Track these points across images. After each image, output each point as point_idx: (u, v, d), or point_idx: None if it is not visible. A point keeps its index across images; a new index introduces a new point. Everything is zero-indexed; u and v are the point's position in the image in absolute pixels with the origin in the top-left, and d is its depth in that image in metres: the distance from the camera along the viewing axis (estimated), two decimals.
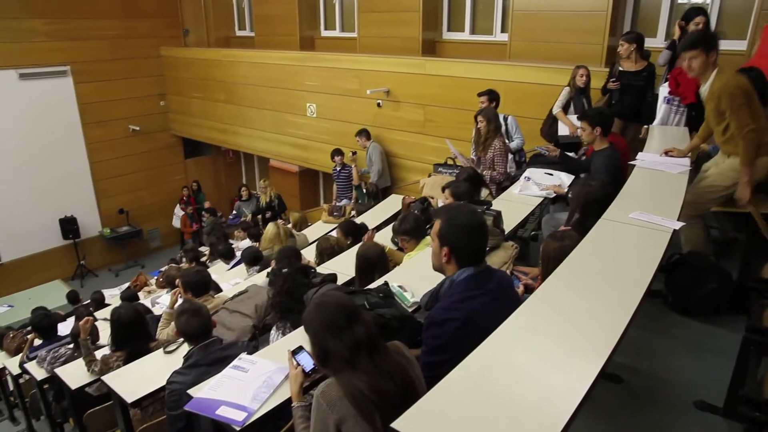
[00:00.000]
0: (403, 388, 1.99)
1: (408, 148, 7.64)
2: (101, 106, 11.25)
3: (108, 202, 11.77)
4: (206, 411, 2.21)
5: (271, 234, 5.68)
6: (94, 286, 10.07)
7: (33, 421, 5.57)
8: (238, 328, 3.28)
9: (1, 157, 10.23)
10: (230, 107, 10.48)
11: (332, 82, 8.38)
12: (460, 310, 2.18)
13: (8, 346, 6.04)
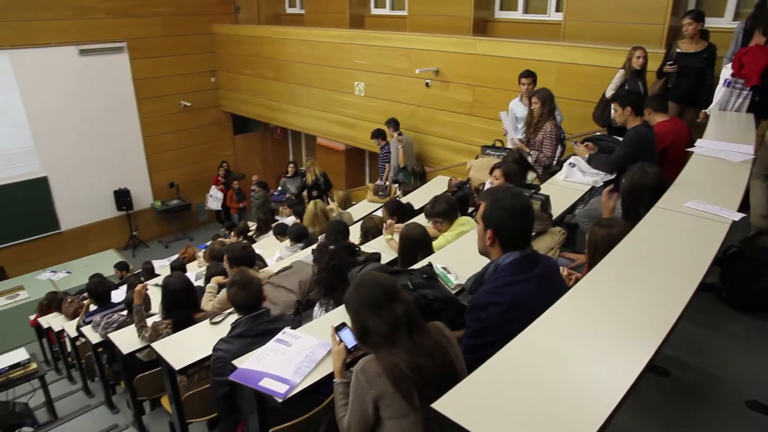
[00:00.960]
0: (443, 367, 2.00)
1: (456, 129, 7.55)
2: (154, 82, 11.54)
3: (160, 175, 12.12)
4: (249, 382, 2.26)
5: (310, 214, 5.77)
6: (145, 257, 10.44)
7: (88, 382, 5.85)
8: (282, 303, 3.34)
9: (61, 131, 10.64)
10: (279, 84, 10.56)
11: (381, 60, 8.32)
12: (504, 295, 2.16)
13: (66, 310, 6.31)
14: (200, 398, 3.31)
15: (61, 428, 4.95)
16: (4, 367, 5.25)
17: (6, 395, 5.52)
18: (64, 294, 7.47)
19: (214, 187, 11.64)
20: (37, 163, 10.62)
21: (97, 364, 4.86)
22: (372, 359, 2.03)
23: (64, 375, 6.83)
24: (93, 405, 5.31)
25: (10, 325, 8.44)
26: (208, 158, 12.49)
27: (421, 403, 1.95)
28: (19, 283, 9.35)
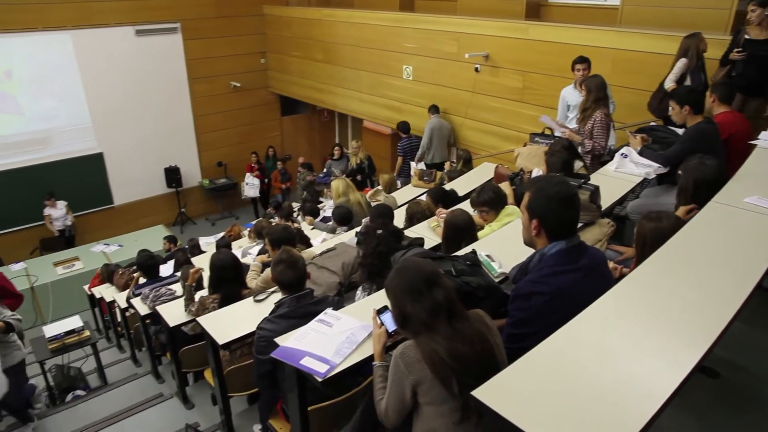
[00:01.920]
0: (482, 355, 1.99)
1: (504, 115, 7.41)
2: (206, 62, 11.74)
3: (208, 154, 12.37)
4: (291, 360, 2.30)
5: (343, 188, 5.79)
6: (192, 233, 10.72)
7: (136, 351, 6.07)
8: (325, 284, 3.37)
9: (117, 109, 10.98)
10: (328, 67, 10.58)
11: (430, 44, 8.22)
12: (548, 285, 2.13)
13: (117, 281, 6.55)
14: (242, 373, 3.39)
15: (111, 394, 5.16)
16: (60, 333, 5.50)
17: (62, 359, 5.79)
18: (115, 266, 7.75)
19: (249, 175, 11.65)
20: (94, 140, 11.01)
21: (144, 335, 5.03)
22: (412, 345, 2.03)
23: (114, 343, 7.11)
24: (140, 374, 5.51)
25: (66, 294, 8.83)
26: (255, 138, 12.67)
27: (460, 390, 1.94)
28: (74, 254, 9.75)
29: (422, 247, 3.32)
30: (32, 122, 10.34)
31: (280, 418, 2.94)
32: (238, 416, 3.76)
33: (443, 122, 8.12)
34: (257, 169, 11.59)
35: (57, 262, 9.38)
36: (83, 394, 5.48)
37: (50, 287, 8.80)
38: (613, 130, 5.12)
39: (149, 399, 4.70)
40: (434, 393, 1.99)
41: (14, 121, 10.18)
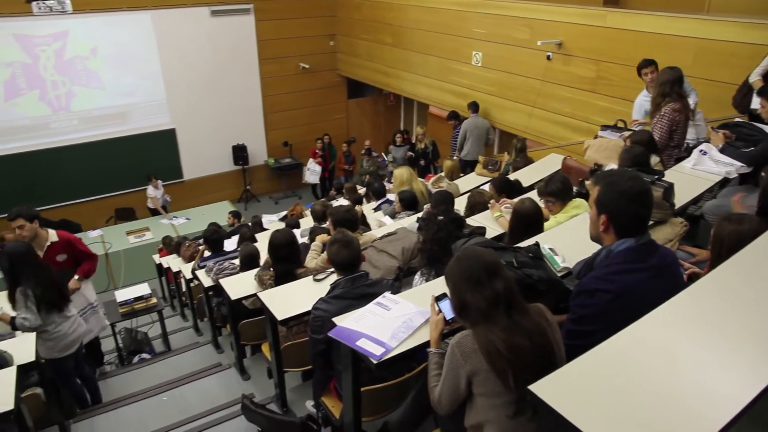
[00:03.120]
0: (540, 350, 1.95)
1: (574, 105, 7.17)
2: (276, 43, 11.92)
3: (275, 134, 12.61)
4: (347, 340, 2.32)
5: (407, 177, 5.77)
6: (256, 210, 11.01)
7: (198, 321, 6.30)
8: (384, 268, 3.38)
9: (189, 86, 11.37)
10: (396, 51, 10.54)
11: (501, 30, 8.03)
12: (614, 282, 2.05)
13: (184, 253, 6.80)
14: (298, 350, 3.46)
15: (173, 359, 5.39)
16: (130, 298, 5.78)
17: (130, 323, 6.10)
18: (183, 239, 8.05)
19: (312, 161, 11.70)
20: (168, 116, 11.45)
21: (207, 306, 5.20)
22: (469, 334, 2.01)
23: (177, 312, 7.42)
24: (201, 342, 5.73)
25: (137, 262, 9.27)
26: (321, 120, 12.82)
27: (515, 383, 1.91)
28: (145, 225, 10.21)
29: (484, 237, 3.26)
30: (113, 97, 10.86)
31: (333, 396, 2.98)
32: (291, 391, 3.84)
33: (480, 120, 8.29)
34: (320, 156, 11.67)
35: (129, 232, 9.85)
36: (148, 357, 5.75)
37: (122, 255, 9.27)
38: (696, 125, 4.85)
39: (208, 367, 4.87)
40: (489, 385, 1.97)
41: (97, 96, 10.73)
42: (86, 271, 4.68)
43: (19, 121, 10.17)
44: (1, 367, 2.94)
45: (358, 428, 2.66)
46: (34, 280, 3.75)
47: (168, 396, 4.42)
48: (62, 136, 10.61)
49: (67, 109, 10.55)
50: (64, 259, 4.54)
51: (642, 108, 5.32)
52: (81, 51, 10.35)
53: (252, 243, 5.18)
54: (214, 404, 4.13)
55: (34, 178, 10.32)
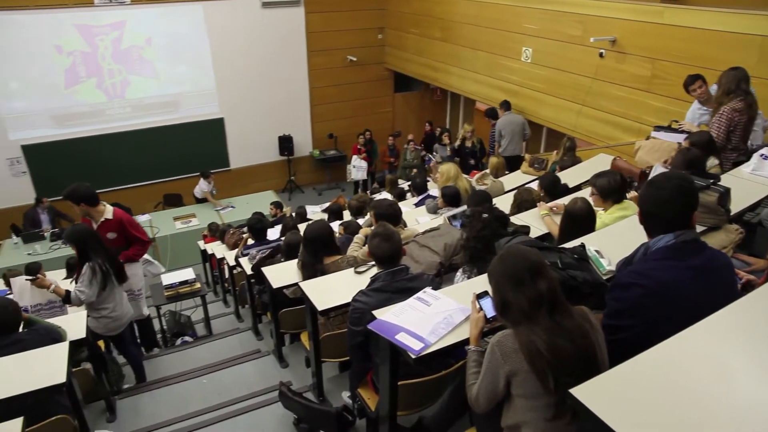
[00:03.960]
0: (583, 353, 1.91)
1: (627, 105, 6.96)
2: (325, 35, 11.99)
3: (320, 126, 12.71)
4: (386, 333, 2.32)
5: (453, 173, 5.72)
6: (299, 201, 11.12)
7: (239, 307, 6.42)
8: (425, 263, 3.36)
9: (238, 77, 11.56)
10: (445, 45, 10.45)
11: (553, 26, 7.86)
12: (649, 278, 2.03)
13: (228, 240, 6.94)
14: (336, 340, 3.49)
15: (214, 343, 5.51)
16: (175, 282, 5.94)
17: (175, 306, 6.26)
18: (227, 226, 8.21)
19: (356, 157, 11.59)
20: (217, 105, 11.68)
21: (248, 293, 5.29)
22: (510, 334, 1.99)
23: (220, 298, 7.58)
24: (241, 329, 5.84)
25: (182, 247, 9.51)
26: (367, 113, 12.85)
27: (555, 386, 1.88)
28: (192, 211, 10.45)
29: (528, 236, 3.21)
30: (165, 86, 11.16)
31: (370, 388, 2.99)
32: (328, 381, 3.88)
33: (514, 117, 8.37)
34: (365, 151, 11.61)
35: (176, 217, 10.10)
36: (191, 340, 5.89)
37: (169, 239, 9.52)
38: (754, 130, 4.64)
39: (248, 353, 4.96)
40: (528, 386, 1.95)
41: (150, 85, 11.04)
42: (130, 255, 4.70)
43: (77, 108, 10.57)
44: (56, 341, 3.06)
45: (393, 421, 2.66)
46: (103, 254, 4.01)
47: (208, 379, 4.53)
48: (116, 122, 10.97)
49: (122, 96, 10.90)
50: (114, 237, 4.59)
51: (695, 121, 5.13)
52: (137, 41, 10.66)
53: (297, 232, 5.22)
54: (251, 389, 4.20)
55: (90, 162, 10.71)
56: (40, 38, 9.83)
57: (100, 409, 4.04)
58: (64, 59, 10.17)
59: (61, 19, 9.90)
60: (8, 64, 9.73)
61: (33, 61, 9.91)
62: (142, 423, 3.95)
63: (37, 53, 9.90)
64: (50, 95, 10.25)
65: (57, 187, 4.54)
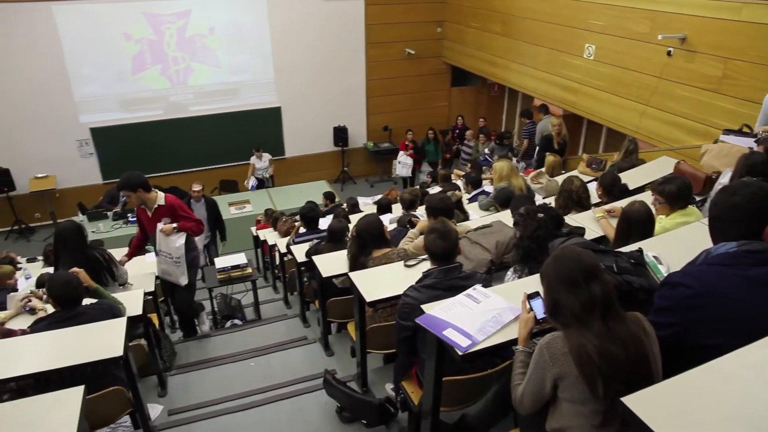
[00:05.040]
0: (635, 361, 1.85)
1: (694, 106, 6.66)
2: (384, 28, 12.00)
3: (375, 118, 12.76)
4: (434, 328, 2.31)
5: (506, 171, 5.64)
6: (351, 192, 11.21)
7: (288, 294, 6.53)
8: (476, 260, 3.33)
9: (296, 67, 11.74)
10: (505, 40, 10.28)
11: (618, 22, 7.59)
12: (698, 280, 1.96)
13: (280, 228, 7.06)
14: (382, 332, 3.50)
15: (263, 328, 5.63)
16: (227, 266, 6.09)
17: (226, 290, 6.43)
18: (280, 214, 8.35)
19: (402, 153, 11.50)
20: (275, 94, 11.89)
21: (298, 280, 5.36)
22: (560, 336, 1.95)
23: (270, 284, 7.72)
24: (289, 315, 5.94)
25: (236, 232, 9.71)
26: (422, 107, 12.81)
27: (605, 393, 1.83)
28: (246, 197, 10.67)
29: (583, 237, 3.13)
30: (226, 74, 11.45)
31: (414, 382, 2.99)
32: (373, 372, 3.89)
33: (553, 119, 8.33)
34: (411, 148, 11.54)
35: (231, 203, 10.34)
36: (240, 323, 6.04)
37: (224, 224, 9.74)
38: None
39: (294, 339, 5.05)
40: (576, 391, 1.90)
41: (212, 73, 11.35)
42: (185, 225, 4.75)
43: (143, 93, 10.98)
44: (115, 317, 3.20)
45: (435, 417, 2.65)
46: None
47: (255, 362, 4.63)
48: (178, 109, 11.34)
49: (184, 83, 11.24)
50: (168, 222, 4.72)
51: None
52: (201, 30, 10.96)
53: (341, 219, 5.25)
54: (296, 375, 4.28)
55: (151, 146, 11.11)
56: (112, 26, 10.27)
57: (153, 384, 4.20)
58: (132, 46, 10.58)
59: (132, 8, 10.31)
60: (82, 50, 10.20)
61: (104, 48, 10.36)
62: (191, 400, 4.08)
63: (107, 40, 10.35)
64: (118, 81, 10.69)
65: (120, 169, 4.70)
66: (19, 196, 10.56)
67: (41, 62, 9.98)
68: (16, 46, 9.73)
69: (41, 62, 9.98)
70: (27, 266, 6.20)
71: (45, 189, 10.53)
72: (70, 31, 10.01)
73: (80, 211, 9.81)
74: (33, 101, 10.14)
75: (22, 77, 9.93)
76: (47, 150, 10.54)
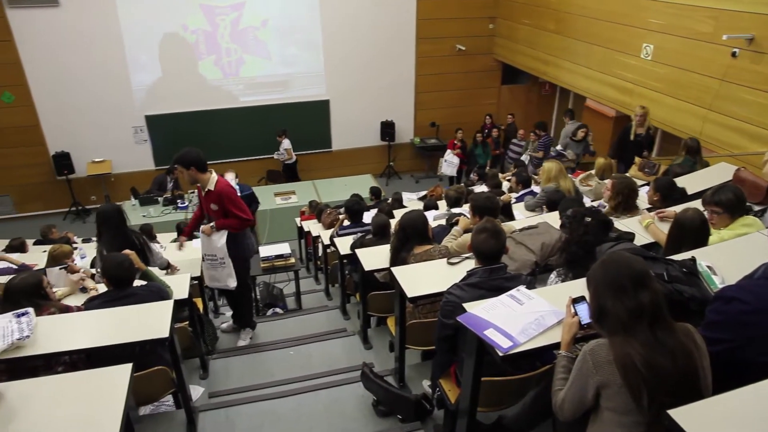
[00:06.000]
0: (684, 373, 1.80)
1: (758, 111, 6.32)
2: (435, 23, 11.92)
3: (423, 113, 12.71)
4: (476, 328, 2.29)
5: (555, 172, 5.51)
6: (396, 187, 11.21)
7: (329, 286, 6.59)
8: (520, 261, 3.28)
9: (346, 60, 11.81)
10: (558, 38, 10.07)
11: (680, 21, 7.29)
12: (754, 294, 1.89)
13: (324, 220, 7.12)
14: (422, 329, 3.48)
15: (303, 318, 5.71)
16: (272, 255, 6.18)
17: (269, 278, 6.53)
18: (325, 206, 8.42)
19: (449, 152, 11.34)
20: (324, 87, 11.99)
21: (340, 273, 5.40)
22: (605, 344, 1.90)
23: (311, 275, 7.81)
24: (330, 307, 5.99)
25: (280, 222, 9.88)
26: (470, 104, 12.68)
27: (649, 404, 1.78)
28: (292, 188, 10.82)
29: (632, 243, 3.04)
30: (276, 67, 11.61)
31: (451, 381, 2.97)
32: (410, 368, 3.89)
33: (578, 125, 8.54)
34: (459, 148, 11.39)
35: (277, 193, 10.50)
36: (281, 312, 6.13)
37: (269, 214, 9.92)
38: None
39: (334, 331, 5.09)
40: (620, 400, 1.86)
41: (263, 65, 11.53)
42: (223, 224, 4.54)
43: (196, 83, 11.26)
44: (163, 299, 3.29)
45: (472, 416, 2.63)
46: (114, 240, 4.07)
47: (294, 351, 4.70)
48: (229, 99, 11.57)
49: (236, 74, 11.45)
50: (216, 209, 4.53)
51: None
52: (254, 22, 11.13)
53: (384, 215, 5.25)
54: (334, 366, 4.31)
55: (203, 134, 11.35)
56: (170, 17, 10.55)
57: (195, 366, 4.32)
58: (189, 36, 10.86)
59: None
60: (141, 40, 10.53)
61: (161, 37, 10.67)
62: (231, 384, 4.18)
63: (166, 31, 10.65)
64: (174, 70, 10.98)
65: (171, 157, 4.69)
66: (77, 179, 11.01)
67: (103, 51, 10.36)
68: (80, 36, 10.13)
69: (103, 51, 10.36)
70: (82, 246, 6.45)
71: (101, 173, 10.96)
72: (131, 21, 10.34)
73: (133, 195, 10.14)
74: (93, 88, 10.55)
75: (84, 65, 10.34)
76: (105, 135, 10.96)
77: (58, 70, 10.23)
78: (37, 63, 10.12)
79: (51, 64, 10.16)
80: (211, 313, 5.68)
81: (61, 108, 10.54)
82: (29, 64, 10.11)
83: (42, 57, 10.08)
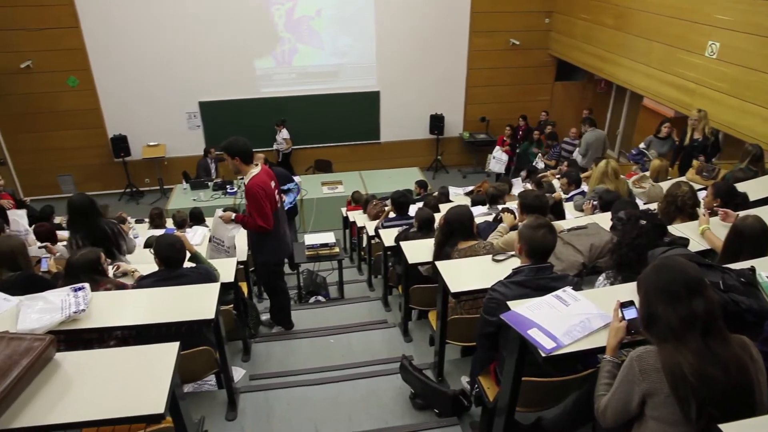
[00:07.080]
0: (737, 386, 1.74)
1: None
2: (490, 16, 11.74)
3: (473, 108, 12.57)
4: (519, 327, 2.25)
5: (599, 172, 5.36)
6: (443, 181, 11.13)
7: (372, 277, 6.62)
8: (567, 261, 3.21)
9: (397, 52, 11.78)
10: (616, 34, 9.75)
11: (751, 17, 6.91)
12: None
13: (370, 211, 7.14)
14: (464, 324, 3.47)
15: (345, 307, 5.76)
16: (316, 243, 6.25)
17: (313, 266, 6.61)
18: (371, 197, 8.45)
19: (498, 149, 11.22)
20: (374, 79, 12.00)
21: (383, 264, 5.42)
22: (653, 351, 1.85)
23: (355, 265, 7.86)
24: (371, 297, 6.03)
25: (326, 211, 9.98)
26: (522, 100, 12.46)
27: (698, 416, 1.71)
28: (339, 178, 10.90)
29: (686, 249, 2.93)
30: (328, 57, 11.68)
31: (491, 378, 2.95)
32: (449, 363, 3.87)
33: (599, 132, 8.85)
34: (508, 144, 11.24)
35: (324, 182, 10.59)
36: (323, 300, 6.20)
37: (315, 203, 10.02)
38: None
39: (375, 322, 5.12)
40: (666, 410, 1.80)
41: (315, 54, 11.62)
42: (242, 219, 4.50)
43: (250, 71, 11.46)
44: (210, 282, 3.38)
45: (510, 416, 2.60)
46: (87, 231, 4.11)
47: (335, 339, 4.75)
48: (281, 87, 11.72)
49: (289, 63, 11.59)
50: (247, 203, 4.45)
51: None
52: (308, 11, 11.23)
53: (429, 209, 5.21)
54: (374, 357, 4.34)
55: (254, 122, 11.55)
56: (225, 6, 10.73)
57: (237, 349, 4.42)
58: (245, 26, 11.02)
59: None
60: (196, 28, 10.76)
61: (216, 26, 10.86)
62: (272, 368, 4.26)
63: (220, 19, 10.83)
64: (229, 58, 11.18)
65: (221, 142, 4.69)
66: (133, 162, 11.40)
67: (165, 38, 10.67)
68: (142, 23, 10.47)
69: (165, 38, 10.67)
70: (135, 226, 6.67)
71: (156, 156, 11.33)
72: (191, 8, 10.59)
73: (184, 179, 10.42)
74: (152, 73, 10.90)
75: (145, 51, 10.69)
76: (160, 120, 11.31)
77: (120, 56, 10.62)
78: (100, 49, 10.53)
79: (113, 50, 10.56)
80: (255, 298, 5.79)
81: (121, 92, 10.94)
82: (93, 51, 10.53)
83: (105, 44, 10.49)
